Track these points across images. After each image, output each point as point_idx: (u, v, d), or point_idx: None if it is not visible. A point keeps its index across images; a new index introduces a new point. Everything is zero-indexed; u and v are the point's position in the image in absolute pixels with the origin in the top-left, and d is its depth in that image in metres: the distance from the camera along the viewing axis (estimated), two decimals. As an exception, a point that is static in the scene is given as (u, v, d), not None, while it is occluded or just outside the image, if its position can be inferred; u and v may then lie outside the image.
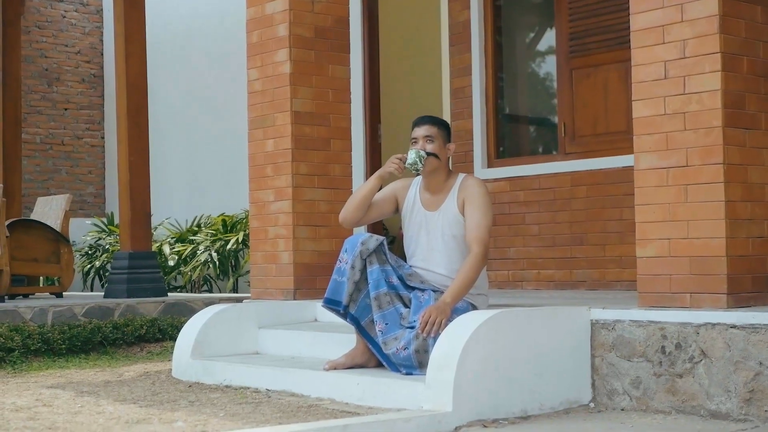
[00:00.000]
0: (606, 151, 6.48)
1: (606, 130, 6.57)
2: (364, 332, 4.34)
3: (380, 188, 4.57)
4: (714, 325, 3.82)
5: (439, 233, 4.41)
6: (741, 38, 4.02)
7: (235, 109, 9.68)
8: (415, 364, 4.13)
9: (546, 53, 7.22)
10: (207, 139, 10.85)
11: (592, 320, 4.21)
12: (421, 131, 4.45)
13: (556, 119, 6.93)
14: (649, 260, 4.12)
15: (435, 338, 4.03)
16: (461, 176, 4.48)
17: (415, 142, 4.45)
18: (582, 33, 6.72)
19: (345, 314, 4.35)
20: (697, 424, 3.72)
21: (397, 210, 4.61)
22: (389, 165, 4.43)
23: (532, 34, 7.49)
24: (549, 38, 7.11)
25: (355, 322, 4.35)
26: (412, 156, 4.35)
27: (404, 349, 4.16)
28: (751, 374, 3.71)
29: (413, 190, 4.55)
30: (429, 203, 4.48)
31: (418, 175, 4.46)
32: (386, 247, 4.39)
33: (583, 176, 6.58)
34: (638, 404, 4.02)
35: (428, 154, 4.39)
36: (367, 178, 8.08)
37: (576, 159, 6.66)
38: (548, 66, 7.15)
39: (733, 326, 3.77)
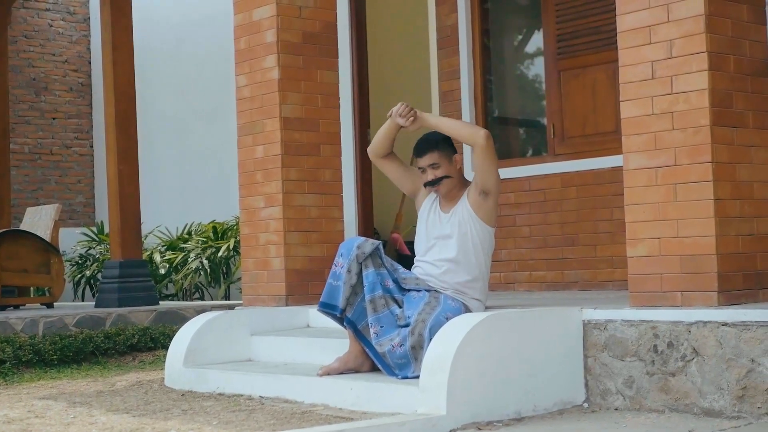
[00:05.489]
0: (595, 152, 6.49)
1: (595, 131, 6.58)
2: (360, 336, 4.35)
3: (398, 130, 4.62)
4: (705, 323, 3.83)
5: (448, 231, 4.45)
6: (727, 37, 4.04)
7: (225, 115, 9.67)
8: (411, 360, 4.15)
9: (534, 55, 7.23)
10: (197, 146, 10.84)
11: (584, 320, 4.21)
12: (424, 161, 4.52)
13: (545, 121, 6.94)
14: (639, 260, 4.12)
15: (431, 336, 4.04)
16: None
17: (423, 171, 4.53)
18: (569, 34, 6.73)
19: (342, 318, 4.35)
20: (691, 422, 3.72)
21: (412, 194, 4.69)
22: (397, 118, 4.52)
23: (519, 37, 7.51)
24: (537, 40, 7.13)
25: (352, 326, 4.35)
26: None
27: (400, 346, 4.18)
28: (743, 371, 3.72)
29: (435, 195, 4.62)
30: (445, 206, 4.55)
31: None
32: (382, 251, 4.41)
33: (573, 177, 6.59)
34: (632, 404, 4.03)
35: (439, 179, 4.47)
36: (357, 183, 8.11)
37: (566, 160, 6.67)
38: (536, 68, 7.16)
39: (725, 324, 3.77)
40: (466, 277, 4.41)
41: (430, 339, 4.06)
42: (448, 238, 4.44)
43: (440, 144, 4.51)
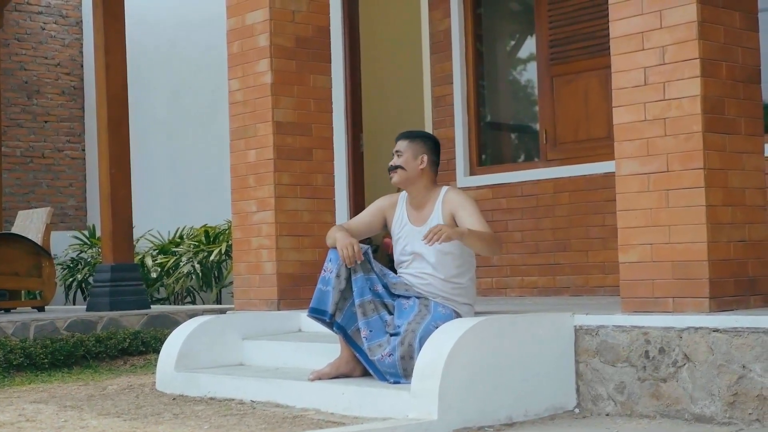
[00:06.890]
0: (587, 158, 6.51)
1: (587, 137, 6.60)
2: (350, 341, 4.34)
3: None
4: (697, 329, 3.84)
5: (425, 249, 4.37)
6: (720, 44, 4.05)
7: (217, 119, 9.66)
8: (400, 371, 4.13)
9: (527, 61, 7.25)
10: (190, 149, 10.82)
11: (575, 326, 4.21)
12: (395, 147, 4.54)
13: (537, 126, 6.95)
14: (631, 265, 4.13)
15: (420, 346, 4.02)
16: (444, 189, 4.48)
17: (392, 155, 4.54)
18: (562, 40, 6.75)
19: (331, 323, 4.34)
20: (682, 428, 3.73)
21: (385, 226, 4.64)
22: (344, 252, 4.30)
23: (512, 42, 7.52)
24: (530, 46, 7.14)
25: (342, 331, 4.34)
26: None
27: (389, 355, 4.16)
28: (734, 377, 3.72)
29: (400, 207, 4.56)
30: (416, 219, 4.49)
31: None
32: (371, 255, 4.39)
33: (565, 183, 6.60)
34: (623, 409, 4.03)
35: (394, 167, 4.45)
36: (349, 188, 8.11)
37: (558, 166, 6.69)
38: (529, 73, 7.17)
39: (716, 330, 3.78)
40: (451, 284, 4.38)
41: (420, 349, 4.04)
42: (425, 254, 4.38)
43: (414, 137, 4.52)
